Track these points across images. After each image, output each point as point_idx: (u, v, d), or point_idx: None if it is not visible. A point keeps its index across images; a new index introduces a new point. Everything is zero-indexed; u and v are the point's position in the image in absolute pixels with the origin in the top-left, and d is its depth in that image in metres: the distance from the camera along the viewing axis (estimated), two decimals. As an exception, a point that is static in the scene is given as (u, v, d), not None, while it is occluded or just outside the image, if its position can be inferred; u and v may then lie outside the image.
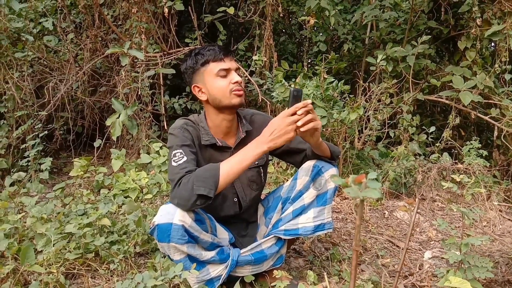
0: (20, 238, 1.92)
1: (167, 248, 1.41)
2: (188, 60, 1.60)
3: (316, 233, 1.64)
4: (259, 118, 1.75)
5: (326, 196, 1.63)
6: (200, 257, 1.46)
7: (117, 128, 2.84)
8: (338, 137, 2.97)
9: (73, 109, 3.82)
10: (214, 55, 1.54)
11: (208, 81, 1.56)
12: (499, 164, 3.61)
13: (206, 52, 1.55)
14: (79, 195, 2.67)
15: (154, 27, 3.76)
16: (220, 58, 1.54)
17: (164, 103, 3.85)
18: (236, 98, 1.56)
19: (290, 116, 1.38)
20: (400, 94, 3.64)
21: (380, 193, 0.71)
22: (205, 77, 1.57)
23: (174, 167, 1.45)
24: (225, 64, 1.55)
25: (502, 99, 3.47)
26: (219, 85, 1.55)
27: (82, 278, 1.71)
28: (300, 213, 1.64)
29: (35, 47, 3.66)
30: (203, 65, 1.56)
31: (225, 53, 1.56)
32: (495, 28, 3.38)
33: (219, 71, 1.54)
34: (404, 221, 2.65)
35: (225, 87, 1.54)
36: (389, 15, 3.96)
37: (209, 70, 1.55)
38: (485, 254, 2.06)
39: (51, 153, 3.81)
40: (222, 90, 1.54)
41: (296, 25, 5.71)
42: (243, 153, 1.44)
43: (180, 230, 1.37)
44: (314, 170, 1.62)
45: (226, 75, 1.55)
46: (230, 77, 1.55)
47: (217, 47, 1.57)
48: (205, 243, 1.48)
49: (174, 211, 1.38)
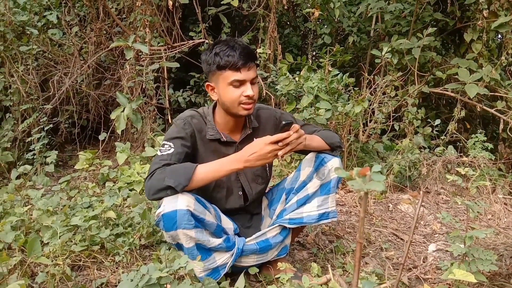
0: (26, 230, 1.94)
1: (176, 236, 1.42)
2: (208, 55, 1.54)
3: (321, 221, 1.66)
4: (265, 113, 1.75)
5: (329, 185, 1.64)
6: (207, 243, 1.47)
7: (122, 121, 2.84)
8: (342, 130, 2.96)
9: (78, 102, 3.83)
10: (232, 63, 1.48)
11: (221, 86, 1.54)
12: (505, 157, 3.59)
13: (224, 57, 1.49)
14: (84, 188, 2.69)
15: (158, 20, 3.75)
16: (237, 68, 1.48)
17: (168, 96, 3.85)
18: (244, 110, 1.55)
19: (272, 143, 1.41)
20: (405, 86, 3.62)
21: (384, 186, 0.71)
22: (219, 81, 1.53)
23: (157, 156, 1.51)
24: (241, 75, 1.50)
25: (509, 92, 3.44)
26: (230, 94, 1.52)
27: (88, 270, 1.72)
28: (304, 203, 1.66)
29: (40, 41, 3.67)
30: (219, 69, 1.51)
31: (244, 63, 1.49)
32: (502, 20, 3.34)
33: (233, 81, 1.50)
34: (408, 214, 2.65)
35: (236, 97, 1.52)
36: (394, 7, 3.92)
37: (224, 77, 1.51)
38: (490, 247, 2.05)
39: (57, 146, 3.83)
40: (232, 99, 1.52)
41: (301, 18, 5.67)
42: (220, 163, 1.47)
43: (186, 215, 1.39)
44: (317, 160, 1.65)
45: (240, 86, 1.51)
46: (243, 89, 1.51)
47: (238, 53, 1.49)
48: (211, 226, 1.50)
49: (178, 199, 1.40)
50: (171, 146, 1.52)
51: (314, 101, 2.89)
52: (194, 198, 1.45)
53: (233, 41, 1.53)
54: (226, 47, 1.50)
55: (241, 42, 1.53)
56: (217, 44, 1.53)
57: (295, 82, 3.09)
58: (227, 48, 1.50)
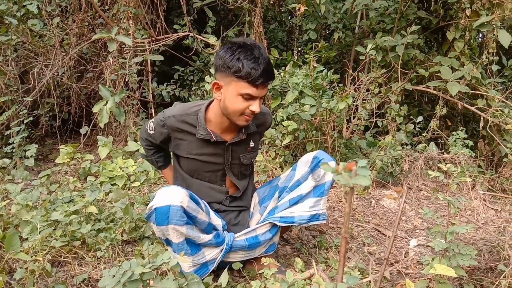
0: (4, 225, 1.90)
1: (166, 231, 1.41)
2: (227, 54, 1.45)
3: (311, 222, 1.67)
4: (263, 118, 1.73)
5: (323, 188, 1.65)
6: (197, 239, 1.47)
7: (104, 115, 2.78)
8: (326, 126, 2.98)
9: (59, 95, 3.75)
10: (252, 77, 1.42)
11: (230, 91, 1.48)
12: (484, 154, 3.67)
13: (247, 67, 1.41)
14: (65, 183, 2.64)
15: (142, 12, 3.69)
16: (255, 84, 1.43)
17: (152, 90, 3.80)
18: (243, 121, 1.54)
19: None
20: (389, 84, 3.66)
21: (370, 181, 0.71)
22: (230, 86, 1.47)
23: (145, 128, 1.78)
24: (255, 92, 1.45)
25: (489, 90, 3.51)
26: (236, 104, 1.48)
27: (69, 266, 1.69)
28: (297, 202, 1.66)
29: (19, 31, 3.57)
30: (235, 75, 1.43)
31: (263, 82, 1.44)
32: (483, 19, 3.40)
33: (245, 93, 1.45)
34: (390, 210, 2.68)
35: (241, 109, 1.49)
36: (379, 4, 3.95)
37: (238, 85, 1.45)
38: (469, 242, 2.10)
39: (37, 140, 3.74)
40: (236, 110, 1.49)
41: (287, 13, 5.67)
42: None
43: (179, 211, 1.39)
44: (313, 161, 1.66)
45: (249, 99, 1.48)
46: (250, 103, 1.48)
47: (262, 68, 1.42)
48: (203, 224, 1.50)
49: (172, 195, 1.40)
50: (152, 128, 1.71)
51: (299, 96, 2.90)
52: (188, 195, 1.44)
53: (258, 51, 1.44)
54: (252, 58, 1.42)
55: (265, 55, 1.45)
56: (242, 47, 1.45)
57: (280, 77, 3.09)
58: (252, 58, 1.42)
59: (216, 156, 1.65)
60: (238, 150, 1.68)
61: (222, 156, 1.65)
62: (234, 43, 1.47)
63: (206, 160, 1.64)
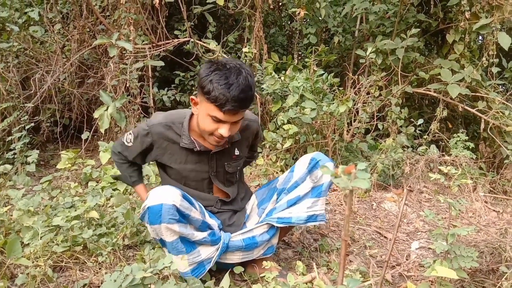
0: (6, 231, 1.90)
1: (159, 230, 1.42)
2: (205, 74, 1.43)
3: (308, 223, 1.67)
4: (251, 126, 1.73)
5: (321, 189, 1.66)
6: (192, 237, 1.47)
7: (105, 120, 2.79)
8: (327, 130, 2.98)
9: (60, 101, 3.76)
10: (218, 102, 1.39)
11: (202, 110, 1.48)
12: (485, 156, 3.67)
13: (215, 91, 1.38)
14: (66, 188, 2.65)
15: (143, 18, 3.71)
16: (223, 110, 1.40)
17: (152, 95, 3.81)
18: (213, 142, 1.53)
19: None
20: (389, 86, 3.66)
21: (369, 184, 0.71)
22: (202, 104, 1.47)
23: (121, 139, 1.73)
24: (223, 117, 1.42)
25: (489, 92, 3.51)
26: (206, 124, 1.48)
27: (70, 271, 1.69)
28: (295, 203, 1.67)
29: (21, 38, 3.59)
30: (205, 96, 1.42)
31: (231, 109, 1.40)
32: (483, 22, 3.40)
33: (213, 116, 1.43)
34: (391, 213, 2.68)
35: (209, 129, 1.48)
36: (379, 8, 3.96)
37: (207, 106, 1.43)
38: (471, 244, 2.09)
39: (38, 146, 3.75)
40: (205, 129, 1.49)
41: (287, 17, 5.69)
42: None
43: (171, 210, 1.39)
44: (311, 163, 1.66)
45: (218, 122, 1.45)
46: (219, 126, 1.46)
47: (231, 96, 1.37)
48: (197, 222, 1.50)
49: (165, 194, 1.41)
50: (131, 140, 1.66)
51: (300, 100, 2.91)
52: (180, 194, 1.45)
53: (236, 76, 1.39)
54: (224, 83, 1.38)
55: (242, 81, 1.40)
56: (218, 70, 1.42)
57: (280, 81, 3.10)
58: (224, 84, 1.38)
59: (200, 164, 1.64)
60: (222, 159, 1.67)
61: (206, 164, 1.65)
62: (213, 63, 1.45)
63: (191, 169, 1.64)
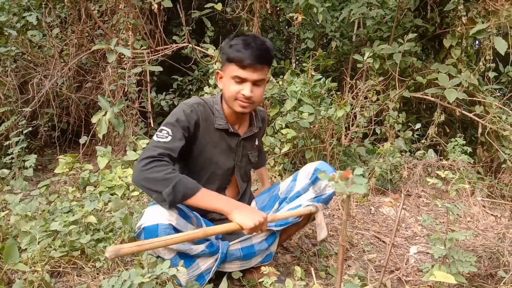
0: (3, 236, 1.89)
1: (156, 249, 1.40)
2: (226, 43, 1.54)
3: None
4: (263, 115, 1.86)
5: (321, 197, 1.67)
6: (190, 252, 1.46)
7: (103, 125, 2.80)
8: (325, 134, 2.99)
9: (58, 105, 3.76)
10: (239, 59, 1.47)
11: (225, 76, 1.56)
12: (483, 161, 3.68)
13: (235, 51, 1.48)
14: (64, 193, 2.64)
15: (141, 23, 3.72)
16: (242, 65, 1.48)
17: (150, 100, 3.81)
18: (238, 107, 1.56)
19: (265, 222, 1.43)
20: (387, 91, 3.67)
21: (366, 189, 0.71)
22: (225, 72, 1.56)
23: (153, 141, 1.45)
24: (243, 73, 1.49)
25: (486, 97, 3.53)
26: (230, 88, 1.54)
27: (68, 276, 1.69)
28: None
29: (19, 42, 3.59)
30: (228, 60, 1.52)
31: (251, 63, 1.47)
32: (479, 27, 3.43)
33: (235, 76, 1.51)
34: (390, 217, 2.68)
35: (233, 93, 1.53)
36: (376, 13, 3.99)
37: (230, 69, 1.52)
38: (469, 249, 2.09)
39: (36, 150, 3.74)
40: (230, 93, 1.54)
41: (284, 22, 5.71)
42: (217, 198, 1.45)
43: (168, 229, 1.37)
44: (315, 173, 1.67)
45: (241, 83, 1.52)
46: (241, 87, 1.52)
47: (250, 51, 1.46)
48: None
49: (160, 213, 1.39)
50: (169, 133, 1.45)
51: (298, 105, 2.91)
52: (176, 212, 1.43)
53: (252, 38, 1.50)
54: (242, 42, 1.48)
55: (259, 41, 1.50)
56: (237, 36, 1.53)
57: (278, 86, 3.11)
58: (242, 43, 1.48)
59: (228, 151, 1.66)
60: (247, 146, 1.72)
61: (234, 152, 1.68)
62: (235, 35, 1.56)
63: (220, 153, 1.64)
